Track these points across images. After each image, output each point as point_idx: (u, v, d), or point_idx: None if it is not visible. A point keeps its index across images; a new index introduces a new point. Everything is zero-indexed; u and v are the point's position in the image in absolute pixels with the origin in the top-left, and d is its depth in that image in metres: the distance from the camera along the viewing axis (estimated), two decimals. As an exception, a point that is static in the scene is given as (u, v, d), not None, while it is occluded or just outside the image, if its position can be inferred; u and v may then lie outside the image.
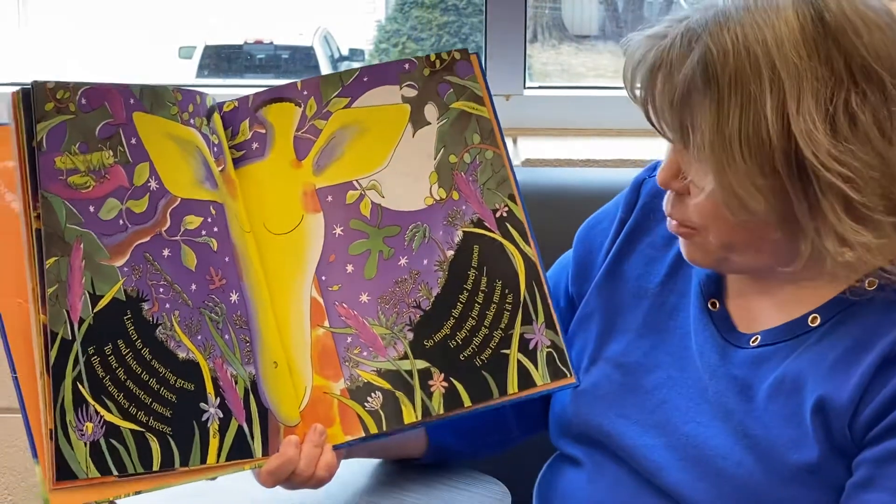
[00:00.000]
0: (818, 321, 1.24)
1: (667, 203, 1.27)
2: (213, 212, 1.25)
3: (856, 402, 1.18)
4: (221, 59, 3.53)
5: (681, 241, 1.29)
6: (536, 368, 1.30)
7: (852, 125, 1.16)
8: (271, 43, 3.44)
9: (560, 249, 1.46)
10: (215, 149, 1.28)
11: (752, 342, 1.27)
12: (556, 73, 2.97)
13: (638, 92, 1.23)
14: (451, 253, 1.31)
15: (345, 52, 3.50)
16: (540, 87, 2.40)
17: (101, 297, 1.17)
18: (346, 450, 1.30)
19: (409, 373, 1.28)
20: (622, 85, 1.25)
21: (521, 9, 2.29)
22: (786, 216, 1.18)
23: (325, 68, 3.47)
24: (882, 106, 1.17)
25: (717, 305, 1.31)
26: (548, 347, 1.31)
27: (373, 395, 1.28)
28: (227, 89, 2.83)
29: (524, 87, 2.31)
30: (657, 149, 1.30)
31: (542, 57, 2.94)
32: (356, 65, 3.47)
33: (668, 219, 1.28)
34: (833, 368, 1.20)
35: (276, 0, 3.54)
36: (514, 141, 2.23)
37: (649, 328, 1.34)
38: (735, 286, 1.31)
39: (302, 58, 3.57)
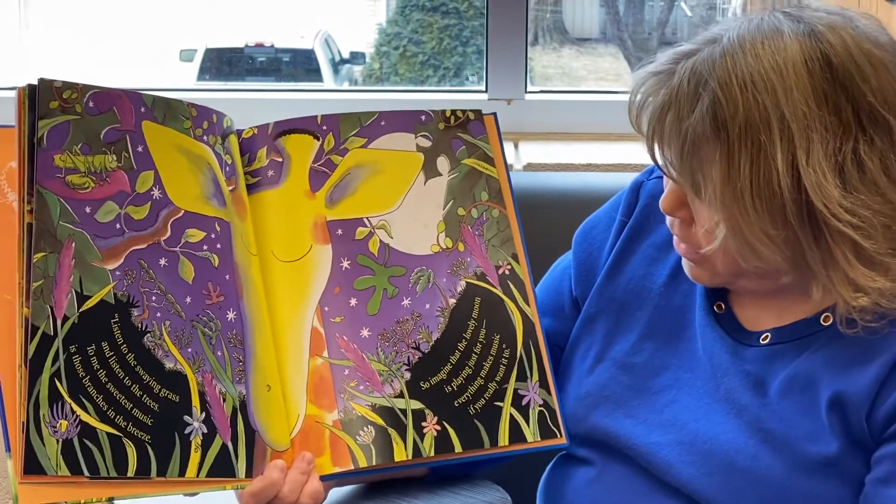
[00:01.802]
0: (830, 320, 1.23)
1: (673, 227, 1.28)
2: (218, 229, 1.26)
3: (872, 396, 1.18)
4: (222, 62, 3.53)
5: (685, 261, 1.29)
6: (528, 425, 1.31)
7: (861, 174, 1.16)
8: (272, 46, 3.45)
9: (561, 254, 1.46)
10: (227, 168, 1.29)
11: (763, 340, 1.27)
12: (557, 77, 2.97)
13: (645, 130, 1.23)
14: (452, 301, 1.33)
15: (346, 55, 3.50)
16: (541, 92, 2.40)
17: (89, 297, 1.17)
18: (337, 479, 1.29)
19: (404, 412, 1.29)
20: (623, 89, 1.24)
21: (523, 12, 2.29)
22: (797, 263, 1.19)
23: (326, 71, 3.47)
24: (889, 151, 1.17)
25: (723, 307, 1.31)
26: (540, 406, 1.32)
27: (365, 429, 1.28)
28: (227, 93, 2.82)
29: (525, 92, 2.31)
30: (657, 153, 1.29)
31: (542, 60, 2.95)
32: (357, 68, 3.47)
33: (677, 242, 1.28)
34: (848, 365, 1.20)
35: (277, 3, 3.54)
36: (516, 145, 2.23)
37: (655, 329, 1.34)
38: (741, 290, 1.31)
39: (303, 61, 3.58)
